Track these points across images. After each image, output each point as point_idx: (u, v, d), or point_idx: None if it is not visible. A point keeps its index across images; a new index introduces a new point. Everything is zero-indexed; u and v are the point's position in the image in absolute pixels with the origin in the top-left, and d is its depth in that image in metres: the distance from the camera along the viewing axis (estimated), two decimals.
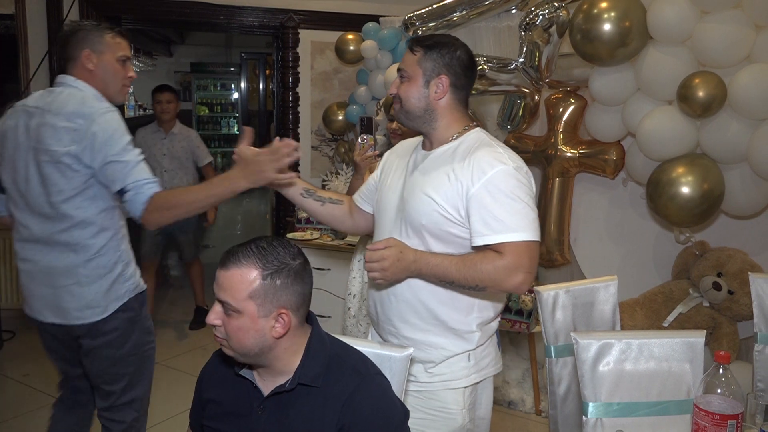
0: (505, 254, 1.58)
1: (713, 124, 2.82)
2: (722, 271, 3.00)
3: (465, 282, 1.60)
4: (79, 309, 2.01)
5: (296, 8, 4.74)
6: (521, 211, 1.60)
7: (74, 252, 1.98)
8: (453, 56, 1.73)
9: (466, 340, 1.73)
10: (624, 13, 2.88)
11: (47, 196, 1.95)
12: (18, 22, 4.27)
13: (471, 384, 1.75)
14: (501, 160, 1.63)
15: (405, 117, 1.76)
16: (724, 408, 1.43)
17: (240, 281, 1.31)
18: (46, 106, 1.96)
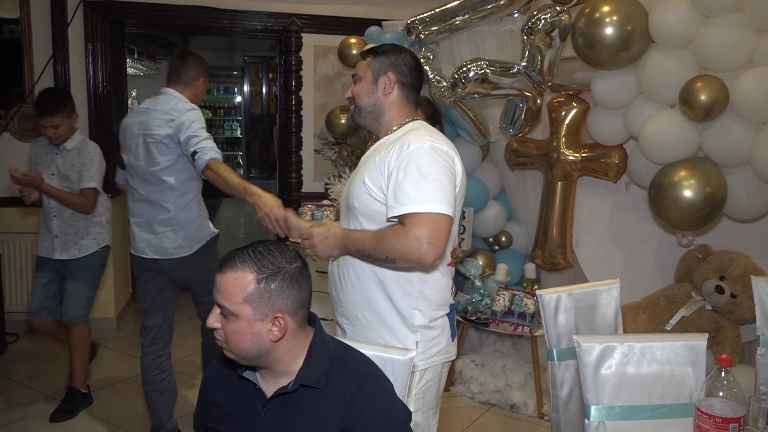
0: (406, 225, 1.66)
1: (715, 127, 2.82)
2: (725, 275, 3.00)
3: (378, 255, 1.70)
4: (174, 248, 2.91)
5: (299, 12, 4.76)
6: (427, 185, 1.67)
7: (168, 206, 2.88)
8: (398, 57, 1.91)
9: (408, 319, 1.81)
10: (626, 17, 2.89)
11: (149, 167, 2.85)
12: (22, 27, 4.29)
13: (419, 369, 1.82)
14: (418, 140, 1.74)
15: (357, 114, 1.92)
16: (726, 411, 1.43)
17: (235, 285, 1.33)
18: (153, 106, 2.91)
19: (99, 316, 4.62)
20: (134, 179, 2.94)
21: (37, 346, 4.30)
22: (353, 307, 1.88)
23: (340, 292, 1.91)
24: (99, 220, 3.50)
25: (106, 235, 3.53)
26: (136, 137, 2.89)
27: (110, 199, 4.53)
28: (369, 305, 1.84)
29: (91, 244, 3.45)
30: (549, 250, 3.58)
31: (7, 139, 4.35)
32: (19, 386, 3.72)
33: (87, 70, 4.45)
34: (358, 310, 1.87)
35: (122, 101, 5.05)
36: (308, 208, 4.10)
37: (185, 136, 2.72)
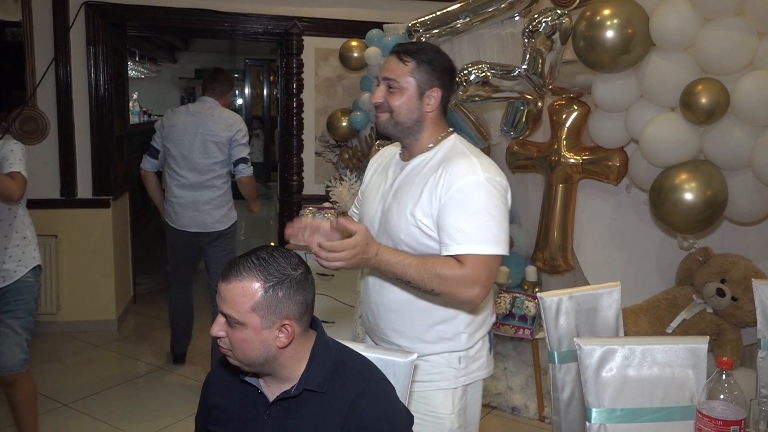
0: (465, 265, 1.57)
1: (716, 130, 2.82)
2: (726, 278, 3.00)
3: (422, 284, 1.59)
4: (213, 223, 3.71)
5: (300, 15, 4.76)
6: (486, 224, 1.59)
7: (212, 191, 3.68)
8: (444, 68, 1.74)
9: (454, 342, 1.75)
10: (627, 20, 2.89)
11: (205, 159, 3.63)
12: (25, 29, 4.29)
13: (460, 386, 1.77)
14: (471, 171, 1.62)
15: (392, 127, 1.74)
16: (727, 414, 1.43)
17: (242, 294, 1.31)
18: (205, 111, 3.67)
19: (99, 318, 4.63)
20: (184, 168, 3.68)
21: (39, 348, 4.30)
22: (394, 335, 1.78)
23: (379, 319, 1.81)
24: (23, 235, 2.91)
25: (35, 253, 2.92)
26: (191, 134, 3.64)
27: (112, 201, 4.57)
28: (412, 332, 1.75)
29: (17, 267, 2.81)
30: (550, 252, 3.58)
31: None
32: None
33: (89, 73, 4.45)
34: (400, 339, 1.77)
35: (123, 104, 5.06)
36: (309, 210, 4.10)
37: (235, 143, 3.68)
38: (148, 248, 7.14)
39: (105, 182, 4.58)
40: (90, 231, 4.57)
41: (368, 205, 1.86)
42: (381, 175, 1.87)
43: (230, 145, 3.66)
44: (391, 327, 1.77)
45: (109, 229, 4.61)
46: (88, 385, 3.76)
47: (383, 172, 1.87)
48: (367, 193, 1.91)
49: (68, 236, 4.51)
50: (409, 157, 1.79)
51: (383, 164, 1.91)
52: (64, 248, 4.51)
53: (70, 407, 3.51)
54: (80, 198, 4.53)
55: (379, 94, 1.74)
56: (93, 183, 4.55)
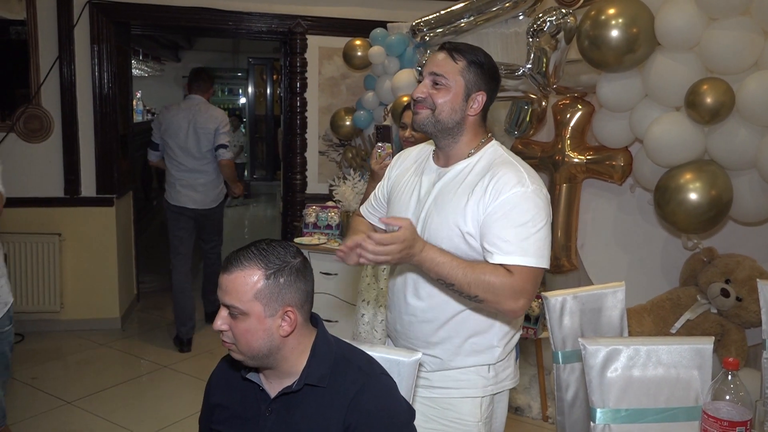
0: (515, 276, 1.54)
1: (721, 130, 2.81)
2: (730, 278, 2.99)
3: (467, 288, 1.55)
4: (209, 202, 4.42)
5: (304, 14, 4.76)
6: (535, 236, 1.57)
7: (206, 175, 4.35)
8: (492, 74, 1.70)
9: (487, 355, 1.72)
10: (632, 19, 2.88)
11: (199, 148, 4.29)
12: (29, 28, 4.30)
13: (488, 395, 1.74)
14: (519, 182, 1.59)
15: (432, 125, 1.67)
16: (732, 415, 1.43)
17: (244, 283, 1.33)
18: (195, 108, 4.33)
19: (103, 317, 4.64)
20: (182, 156, 4.32)
21: (43, 346, 4.32)
22: (425, 346, 1.73)
23: (410, 329, 1.76)
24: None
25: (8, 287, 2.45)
26: (185, 128, 4.29)
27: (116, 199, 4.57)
28: (446, 344, 1.72)
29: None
30: (554, 252, 3.57)
31: (13, 140, 4.36)
32: (24, 386, 3.73)
33: (93, 71, 4.46)
34: (432, 350, 1.73)
35: (127, 102, 5.06)
36: (312, 209, 4.10)
37: (219, 132, 4.32)
38: (152, 247, 7.15)
39: (108, 181, 4.58)
40: (93, 229, 4.57)
41: (400, 210, 1.79)
42: (413, 179, 1.79)
43: (214, 133, 4.30)
44: (424, 338, 1.73)
45: (113, 227, 4.62)
46: (92, 383, 3.77)
47: (415, 175, 1.80)
48: (396, 196, 1.84)
49: (72, 234, 4.52)
50: (446, 162, 1.73)
51: (414, 166, 1.84)
52: (68, 246, 4.52)
53: (73, 405, 3.51)
54: (84, 196, 4.54)
55: (423, 89, 1.67)
56: (97, 181, 4.55)
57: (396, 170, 1.91)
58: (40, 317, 4.49)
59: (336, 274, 3.80)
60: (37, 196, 4.45)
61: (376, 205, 1.97)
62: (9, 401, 3.53)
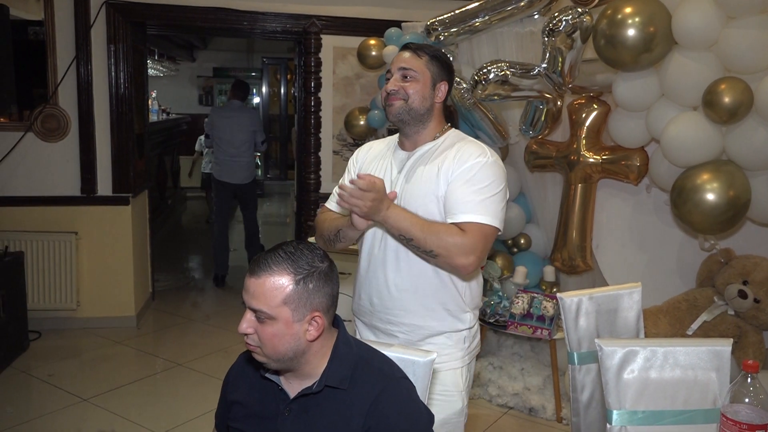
0: (466, 232, 1.72)
1: (739, 130, 2.79)
2: (748, 279, 2.96)
3: (423, 243, 1.72)
4: (244, 178, 5.86)
5: (319, 14, 4.77)
6: (490, 198, 1.75)
7: (243, 158, 5.76)
8: (449, 67, 1.92)
9: (461, 321, 1.87)
10: (649, 18, 2.86)
11: (242, 140, 5.72)
12: (47, 28, 4.34)
13: (466, 364, 1.90)
14: (482, 153, 1.80)
15: (406, 113, 1.85)
16: (752, 418, 1.41)
17: (273, 288, 1.31)
18: (236, 110, 5.81)
19: (118, 315, 4.67)
20: (226, 145, 5.74)
21: (59, 344, 4.36)
22: (404, 314, 1.87)
23: (389, 299, 1.88)
24: None
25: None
26: (230, 126, 5.74)
27: (132, 198, 4.61)
28: (424, 310, 1.85)
29: None
30: (568, 252, 3.55)
31: (30, 139, 4.41)
32: (41, 383, 3.77)
33: (109, 71, 4.49)
34: (411, 317, 1.86)
35: (143, 102, 5.09)
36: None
37: (258, 131, 5.91)
38: (167, 245, 7.20)
39: (125, 180, 4.61)
40: (109, 228, 4.61)
41: None
42: (382, 163, 1.95)
43: (253, 132, 5.85)
44: (403, 306, 1.86)
45: (129, 226, 4.65)
46: (107, 381, 3.80)
47: (383, 160, 1.96)
48: None
49: (88, 233, 4.56)
50: (413, 146, 1.91)
51: (380, 155, 1.99)
52: (84, 245, 4.56)
53: (89, 402, 3.54)
54: (100, 195, 4.57)
55: (396, 82, 1.87)
56: (113, 180, 4.58)
57: (360, 160, 2.05)
58: (57, 315, 4.53)
59: (349, 274, 3.80)
60: (53, 195, 4.49)
61: None
62: (26, 398, 3.58)
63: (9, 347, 4.03)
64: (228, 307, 5.30)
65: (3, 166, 4.36)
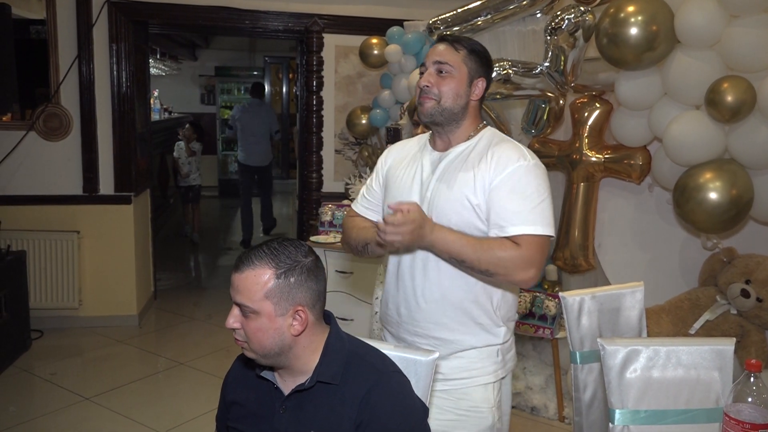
0: (521, 245, 1.61)
1: (742, 129, 2.78)
2: (750, 279, 2.96)
3: (477, 264, 1.61)
4: (262, 160, 7.41)
5: (321, 13, 4.77)
6: (540, 206, 1.64)
7: (262, 145, 7.35)
8: (489, 61, 1.80)
9: (494, 335, 1.76)
10: (651, 17, 2.85)
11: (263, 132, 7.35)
12: (49, 27, 4.34)
13: (498, 379, 1.78)
14: (521, 156, 1.68)
15: (438, 113, 1.74)
16: (755, 417, 1.41)
17: (255, 282, 1.34)
18: (256, 106, 7.46)
19: (120, 314, 4.68)
20: (248, 134, 7.23)
21: (61, 343, 4.36)
22: (434, 328, 1.76)
23: (417, 311, 1.77)
24: None
25: None
26: (251, 119, 7.22)
27: (134, 197, 4.61)
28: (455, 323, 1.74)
29: None
30: (571, 251, 3.55)
31: (33, 138, 4.41)
32: (43, 382, 3.77)
33: (111, 70, 4.49)
34: (442, 331, 1.75)
35: (145, 101, 5.09)
36: (328, 208, 4.10)
37: (273, 123, 7.42)
38: (169, 244, 7.20)
39: (127, 179, 4.62)
40: (112, 227, 4.62)
41: (402, 193, 1.81)
42: (412, 164, 1.84)
43: (269, 123, 7.38)
44: (432, 319, 1.75)
45: (131, 225, 4.66)
46: (110, 380, 3.80)
47: (414, 161, 1.84)
48: (394, 182, 1.86)
49: (90, 232, 4.56)
50: (445, 146, 1.79)
51: (410, 154, 1.88)
52: (86, 244, 4.56)
53: (91, 401, 3.55)
54: (102, 194, 4.57)
55: (429, 78, 1.74)
56: (115, 179, 4.59)
57: (390, 160, 1.93)
58: (59, 314, 4.54)
59: (351, 273, 3.80)
60: (56, 194, 4.50)
61: (372, 198, 1.95)
62: (28, 397, 3.58)
63: (11, 346, 4.03)
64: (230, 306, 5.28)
65: (5, 165, 4.37)
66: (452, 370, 1.76)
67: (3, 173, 4.39)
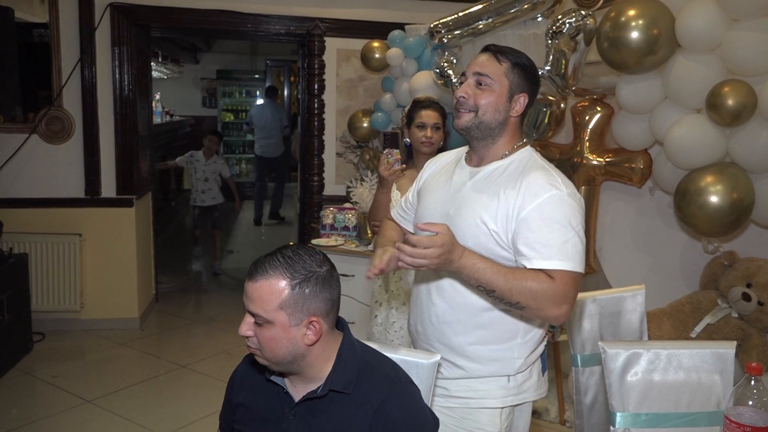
0: (557, 281, 1.51)
1: (743, 132, 2.78)
2: (752, 282, 2.96)
3: (508, 295, 1.51)
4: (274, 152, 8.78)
5: (322, 16, 4.78)
6: (572, 240, 1.54)
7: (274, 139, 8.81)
8: (534, 77, 1.70)
9: (506, 365, 1.68)
10: (652, 20, 2.86)
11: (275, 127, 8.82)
12: (51, 31, 4.36)
13: (508, 405, 1.70)
14: (554, 185, 1.58)
15: (477, 128, 1.65)
16: (755, 420, 1.41)
17: (269, 292, 1.32)
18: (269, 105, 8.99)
19: (122, 316, 4.68)
20: (263, 129, 8.67)
21: (63, 345, 4.37)
22: (443, 349, 1.71)
23: (430, 329, 1.74)
24: None
25: None
26: (265, 116, 8.65)
27: (136, 200, 4.62)
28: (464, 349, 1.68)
29: None
30: None
31: (35, 141, 4.42)
32: (45, 384, 3.78)
33: (113, 73, 4.51)
34: (450, 354, 1.70)
35: (147, 103, 5.11)
36: (330, 211, 4.11)
37: (284, 118, 8.94)
38: (170, 247, 7.21)
39: (129, 182, 4.63)
40: (113, 230, 4.62)
41: (427, 206, 1.78)
42: (444, 178, 1.78)
43: (280, 119, 8.71)
44: (445, 341, 1.70)
45: (132, 228, 4.66)
46: (111, 383, 3.81)
47: (446, 174, 1.78)
48: (425, 194, 1.83)
49: (92, 235, 4.57)
50: (479, 162, 1.71)
51: (446, 167, 1.83)
52: (88, 247, 4.57)
53: (93, 404, 3.55)
54: (104, 197, 4.58)
55: (468, 89, 1.66)
56: (117, 182, 4.60)
57: (428, 172, 1.90)
58: (61, 316, 4.55)
59: (353, 276, 3.81)
60: (58, 197, 4.51)
61: (407, 209, 1.95)
62: (30, 399, 3.58)
63: (13, 349, 4.04)
64: (231, 308, 5.30)
65: (7, 168, 4.38)
66: (457, 388, 1.72)
67: (5, 176, 4.40)
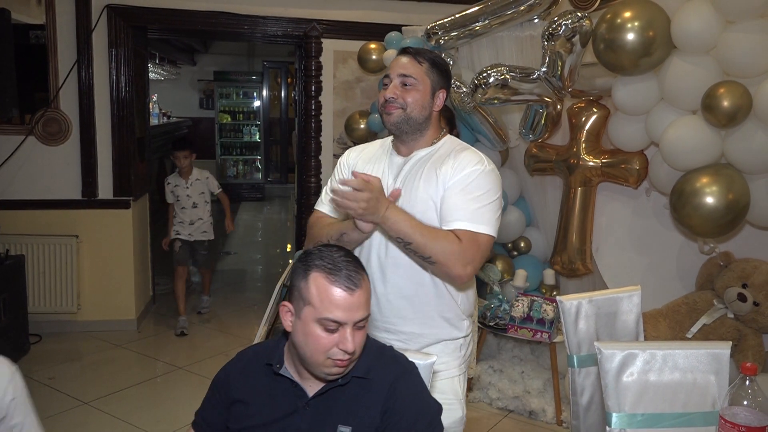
0: (464, 241, 1.69)
1: (738, 134, 2.79)
2: (747, 283, 2.97)
3: (422, 249, 1.68)
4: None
5: (319, 18, 4.78)
6: (486, 207, 1.73)
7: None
8: (449, 74, 1.89)
9: (458, 329, 1.87)
10: (648, 22, 2.87)
11: None
12: (48, 32, 4.35)
13: (463, 372, 1.90)
14: (480, 161, 1.78)
15: (405, 123, 1.82)
16: (750, 420, 1.42)
17: (367, 299, 1.41)
18: None
19: (119, 318, 4.68)
20: None
21: (60, 347, 4.36)
22: (402, 322, 1.84)
23: (386, 306, 1.85)
24: None
25: None
26: None
27: (133, 202, 4.62)
28: (422, 317, 1.83)
29: None
30: (568, 256, 3.56)
31: (32, 142, 4.42)
32: (42, 386, 3.77)
33: (110, 75, 4.51)
34: (409, 325, 1.84)
35: (144, 105, 5.10)
36: None
37: None
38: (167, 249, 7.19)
39: (126, 183, 4.63)
40: (110, 231, 4.62)
41: None
42: (376, 167, 1.90)
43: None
44: (401, 315, 1.83)
45: (129, 229, 4.66)
46: (108, 384, 3.80)
47: (377, 163, 1.91)
48: None
49: (89, 236, 4.57)
50: (409, 151, 1.87)
51: (370, 158, 1.94)
52: (85, 248, 4.56)
53: (90, 406, 3.55)
54: (101, 199, 4.58)
55: (395, 90, 1.82)
56: (114, 184, 4.60)
57: (352, 161, 1.97)
58: (57, 318, 4.54)
59: None
60: (54, 199, 4.51)
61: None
62: None
63: (10, 350, 4.02)
64: (228, 310, 5.30)
65: (4, 169, 4.38)
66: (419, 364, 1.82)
67: (2, 178, 4.39)
